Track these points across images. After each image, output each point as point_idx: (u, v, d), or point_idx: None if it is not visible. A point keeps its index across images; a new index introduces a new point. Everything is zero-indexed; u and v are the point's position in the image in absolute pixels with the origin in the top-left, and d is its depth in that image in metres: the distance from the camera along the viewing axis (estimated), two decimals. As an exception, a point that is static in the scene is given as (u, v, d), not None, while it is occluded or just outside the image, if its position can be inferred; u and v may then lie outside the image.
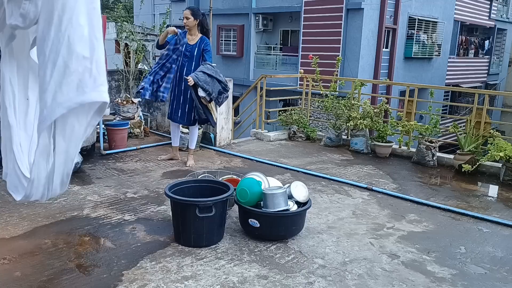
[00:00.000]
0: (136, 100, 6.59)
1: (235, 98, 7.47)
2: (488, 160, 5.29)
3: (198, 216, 3.09)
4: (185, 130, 6.01)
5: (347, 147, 6.68)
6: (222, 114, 6.40)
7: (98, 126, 5.64)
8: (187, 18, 4.90)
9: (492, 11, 21.56)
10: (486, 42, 22.61)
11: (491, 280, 2.94)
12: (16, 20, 2.03)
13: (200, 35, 5.01)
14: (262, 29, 17.93)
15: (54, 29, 1.86)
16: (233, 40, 18.59)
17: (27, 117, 2.46)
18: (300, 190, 3.50)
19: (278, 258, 3.08)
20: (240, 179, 3.75)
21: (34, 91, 2.39)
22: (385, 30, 14.99)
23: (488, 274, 3.02)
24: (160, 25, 7.41)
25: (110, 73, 6.87)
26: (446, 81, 19.15)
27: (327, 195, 4.48)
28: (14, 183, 2.45)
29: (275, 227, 3.33)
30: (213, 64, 4.93)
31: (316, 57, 7.45)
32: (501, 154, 5.05)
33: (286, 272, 2.89)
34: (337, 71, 8.47)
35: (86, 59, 1.90)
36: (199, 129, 5.98)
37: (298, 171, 5.33)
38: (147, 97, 4.97)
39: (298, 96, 8.43)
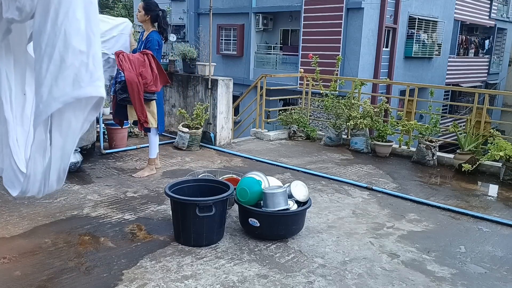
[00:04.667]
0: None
1: (235, 98, 7.47)
2: (488, 160, 5.29)
3: (198, 215, 3.09)
4: (185, 130, 6.01)
5: (347, 147, 6.68)
6: (222, 114, 6.40)
7: (98, 126, 5.64)
8: (139, 11, 4.59)
9: (492, 11, 21.54)
10: (486, 42, 22.59)
11: (491, 280, 2.94)
12: (12, 13, 2.02)
13: (152, 30, 4.65)
14: (262, 29, 17.91)
15: (51, 22, 1.85)
16: (233, 40, 18.58)
17: (24, 112, 2.44)
18: (300, 190, 3.50)
19: (278, 258, 3.09)
20: (240, 178, 3.75)
21: (31, 86, 2.37)
22: (385, 30, 14.98)
23: (488, 274, 3.02)
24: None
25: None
26: (446, 80, 19.15)
27: (327, 195, 4.48)
28: (10, 179, 2.43)
29: (275, 227, 3.33)
30: (145, 51, 4.50)
31: (316, 56, 7.45)
32: (501, 153, 5.05)
33: (286, 272, 2.89)
34: (337, 70, 8.46)
35: (82, 53, 1.89)
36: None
37: (298, 170, 5.33)
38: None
39: (298, 96, 8.43)
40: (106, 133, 5.94)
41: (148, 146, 4.93)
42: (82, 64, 1.89)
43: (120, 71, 4.37)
